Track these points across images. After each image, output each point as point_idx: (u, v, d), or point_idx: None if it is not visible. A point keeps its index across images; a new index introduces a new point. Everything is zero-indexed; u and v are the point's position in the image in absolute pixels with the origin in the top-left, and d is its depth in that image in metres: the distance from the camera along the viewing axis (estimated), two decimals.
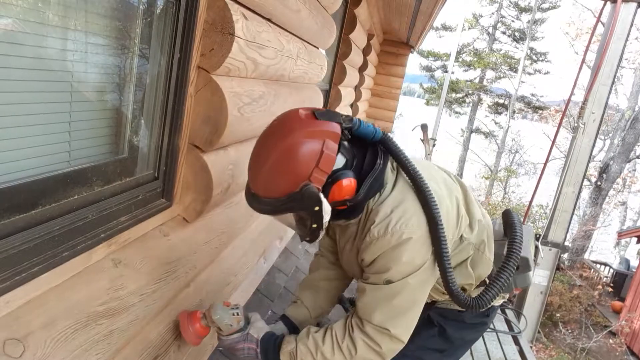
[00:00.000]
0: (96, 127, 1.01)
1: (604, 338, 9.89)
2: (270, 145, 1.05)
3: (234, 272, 1.73)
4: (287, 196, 1.01)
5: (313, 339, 1.18)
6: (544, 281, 4.76)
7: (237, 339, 1.23)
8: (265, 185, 1.05)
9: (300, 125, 1.03)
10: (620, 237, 14.28)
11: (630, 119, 12.87)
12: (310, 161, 1.00)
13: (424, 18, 4.98)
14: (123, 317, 0.98)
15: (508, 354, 2.67)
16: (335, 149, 1.03)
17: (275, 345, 1.22)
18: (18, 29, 0.74)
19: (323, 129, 1.02)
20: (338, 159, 1.05)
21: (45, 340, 0.78)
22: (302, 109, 1.08)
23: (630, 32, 4.43)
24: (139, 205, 1.12)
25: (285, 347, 1.20)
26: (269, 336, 1.25)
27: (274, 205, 1.05)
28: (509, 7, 20.44)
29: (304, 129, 1.02)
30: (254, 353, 1.22)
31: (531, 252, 1.35)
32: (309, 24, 1.92)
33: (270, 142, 1.05)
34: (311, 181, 1.00)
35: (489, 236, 1.31)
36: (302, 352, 1.16)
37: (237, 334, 1.23)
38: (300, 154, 1.00)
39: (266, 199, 1.05)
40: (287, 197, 1.01)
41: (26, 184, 0.79)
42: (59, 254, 0.86)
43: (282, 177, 1.02)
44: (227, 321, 1.20)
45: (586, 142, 4.58)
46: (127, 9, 0.99)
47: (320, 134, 1.02)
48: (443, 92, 8.62)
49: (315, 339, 1.18)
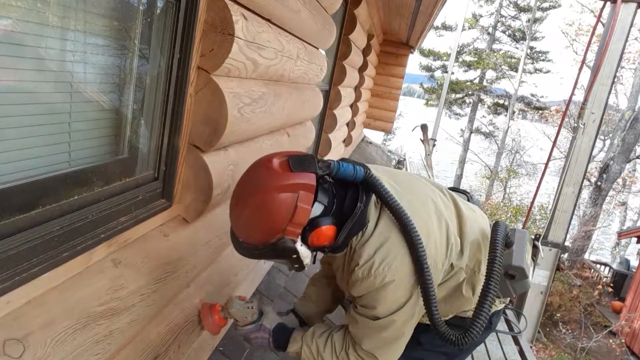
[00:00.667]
0: (96, 128, 1.01)
1: (604, 338, 9.89)
2: (245, 198, 1.06)
3: (234, 272, 1.73)
4: (265, 246, 1.05)
5: (316, 344, 1.27)
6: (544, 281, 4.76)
7: (252, 329, 1.35)
8: (244, 232, 1.08)
9: (273, 180, 1.02)
10: (620, 237, 14.28)
11: (630, 119, 12.86)
12: (283, 216, 1.01)
13: (424, 18, 4.98)
14: (123, 317, 0.98)
15: (508, 354, 2.67)
16: (310, 200, 1.03)
17: (285, 339, 1.32)
18: (18, 29, 0.74)
19: (297, 182, 1.01)
20: (315, 207, 1.05)
21: (45, 340, 0.78)
22: (276, 158, 1.06)
23: (630, 32, 4.43)
24: (139, 206, 1.12)
25: (292, 346, 1.31)
26: (280, 328, 1.35)
27: (253, 252, 1.09)
28: (508, 7, 20.45)
29: (277, 183, 1.02)
30: (267, 341, 1.34)
31: (527, 258, 1.31)
32: (309, 25, 1.92)
33: (244, 195, 1.06)
34: (285, 234, 1.02)
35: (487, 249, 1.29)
36: (306, 353, 1.28)
37: (251, 325, 1.36)
38: (273, 209, 1.01)
39: (247, 244, 1.08)
40: (265, 246, 1.05)
41: (26, 184, 0.79)
42: (59, 254, 0.86)
43: (258, 230, 1.04)
44: (242, 314, 1.34)
45: (586, 142, 4.58)
46: (127, 9, 0.99)
47: (293, 187, 1.01)
48: (443, 93, 8.64)
49: (317, 344, 1.27)
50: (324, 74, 2.49)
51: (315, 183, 1.04)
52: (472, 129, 20.94)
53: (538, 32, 20.17)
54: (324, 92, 3.83)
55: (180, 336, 1.29)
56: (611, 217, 17.97)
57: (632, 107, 13.68)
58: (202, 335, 1.48)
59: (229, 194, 1.46)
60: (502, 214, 14.15)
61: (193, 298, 1.38)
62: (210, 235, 1.43)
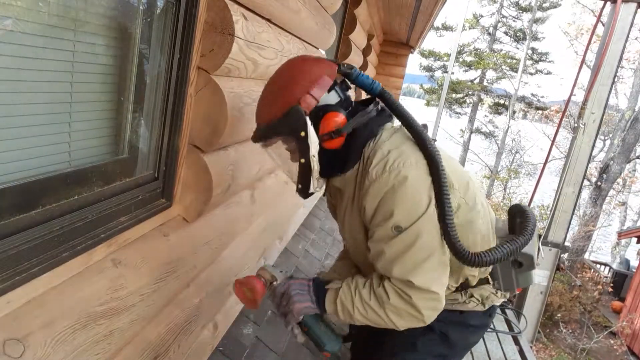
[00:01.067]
0: (96, 127, 1.01)
1: (604, 338, 9.88)
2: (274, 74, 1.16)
3: (234, 272, 1.73)
4: (279, 119, 1.08)
5: (355, 282, 1.18)
6: (544, 281, 4.75)
7: (288, 281, 1.27)
8: (260, 111, 1.15)
9: (300, 57, 1.18)
10: (620, 237, 14.28)
11: (630, 119, 12.86)
12: (301, 85, 1.07)
13: (424, 18, 4.98)
14: (123, 317, 0.98)
15: (508, 353, 2.67)
16: (328, 83, 1.09)
17: (325, 282, 1.24)
18: (18, 29, 0.74)
19: (320, 63, 1.12)
20: (331, 95, 1.11)
21: (45, 340, 0.78)
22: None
23: (630, 32, 4.43)
24: (139, 206, 1.12)
25: (332, 285, 1.22)
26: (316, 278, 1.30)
27: (265, 130, 1.13)
28: (509, 7, 20.44)
29: (302, 59, 1.16)
30: (306, 284, 1.24)
31: (535, 251, 1.31)
32: (309, 24, 1.92)
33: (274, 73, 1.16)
34: (301, 102, 1.06)
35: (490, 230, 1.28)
36: (345, 291, 1.17)
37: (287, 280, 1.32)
38: (293, 77, 1.09)
39: (261, 124, 1.14)
40: (279, 120, 1.08)
41: (26, 184, 0.79)
42: (59, 254, 0.86)
43: (275, 99, 1.10)
44: (279, 273, 1.30)
45: (586, 142, 4.58)
46: (127, 9, 0.99)
47: (316, 65, 1.11)
48: (443, 93, 8.63)
49: (357, 282, 1.18)
50: None
51: (335, 71, 1.12)
52: (472, 129, 20.93)
53: (539, 32, 20.16)
54: None
55: (180, 336, 1.29)
56: (611, 217, 17.96)
57: (632, 107, 13.68)
58: (202, 335, 1.48)
59: (229, 193, 1.46)
60: (501, 214, 14.16)
61: (193, 298, 1.38)
62: (210, 235, 1.43)
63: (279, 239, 2.48)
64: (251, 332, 1.86)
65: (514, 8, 20.39)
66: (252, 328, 1.88)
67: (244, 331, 1.84)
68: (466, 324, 1.36)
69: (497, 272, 1.31)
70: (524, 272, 1.30)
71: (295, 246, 2.77)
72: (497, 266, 1.29)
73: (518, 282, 1.31)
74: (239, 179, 1.50)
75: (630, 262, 14.04)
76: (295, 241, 2.82)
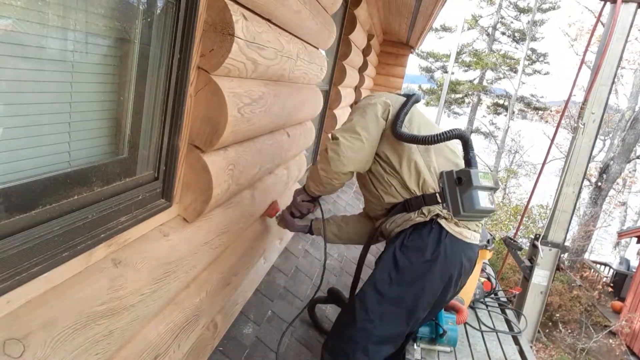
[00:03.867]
0: (96, 127, 1.01)
1: (604, 338, 9.88)
2: None
3: (234, 272, 1.73)
4: None
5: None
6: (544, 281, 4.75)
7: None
8: None
9: None
10: (620, 237, 14.28)
11: (630, 119, 12.87)
12: None
13: (424, 18, 4.98)
14: (123, 317, 0.98)
15: (508, 353, 2.67)
16: None
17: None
18: (18, 29, 0.74)
19: None
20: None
21: (45, 340, 0.78)
22: None
23: (630, 33, 4.43)
24: (139, 206, 1.12)
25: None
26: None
27: None
28: (508, 8, 20.44)
29: None
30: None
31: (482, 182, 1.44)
32: (309, 25, 1.92)
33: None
34: None
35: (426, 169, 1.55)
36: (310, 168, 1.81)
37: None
38: None
39: None
40: None
41: (26, 184, 0.79)
42: (59, 254, 0.86)
43: None
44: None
45: (586, 142, 4.57)
46: (127, 9, 0.99)
47: None
48: (443, 93, 8.61)
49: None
50: (324, 74, 2.49)
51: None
52: (471, 129, 20.93)
53: (538, 32, 20.16)
54: (324, 92, 3.83)
55: (180, 336, 1.30)
56: (611, 217, 17.96)
57: (632, 107, 13.68)
58: (202, 335, 1.48)
59: (229, 193, 1.46)
60: (501, 214, 14.16)
61: (193, 298, 1.38)
62: (210, 235, 1.43)
63: (278, 239, 2.48)
64: (251, 332, 1.86)
65: (513, 9, 20.39)
66: (252, 328, 1.88)
67: (244, 331, 1.84)
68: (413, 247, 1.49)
69: (445, 192, 1.49)
70: (466, 192, 1.44)
71: (295, 246, 2.77)
72: (445, 187, 1.50)
73: (462, 203, 1.44)
74: (239, 179, 1.50)
75: (630, 262, 14.02)
76: (295, 241, 2.82)
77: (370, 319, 1.46)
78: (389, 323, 1.47)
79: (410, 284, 1.47)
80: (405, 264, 1.47)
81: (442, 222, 1.48)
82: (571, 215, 4.75)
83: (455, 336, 2.44)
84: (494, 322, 3.05)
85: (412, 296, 1.46)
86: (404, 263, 1.47)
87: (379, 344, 1.47)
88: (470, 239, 1.52)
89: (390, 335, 1.49)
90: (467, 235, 1.51)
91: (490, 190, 1.48)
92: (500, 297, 3.51)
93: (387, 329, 1.47)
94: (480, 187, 1.43)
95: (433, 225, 1.48)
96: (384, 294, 1.47)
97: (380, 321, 1.46)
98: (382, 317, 1.46)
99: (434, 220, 1.48)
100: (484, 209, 1.44)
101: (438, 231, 1.48)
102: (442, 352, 2.46)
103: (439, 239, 1.47)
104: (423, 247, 1.47)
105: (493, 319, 3.10)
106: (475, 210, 1.43)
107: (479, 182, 1.43)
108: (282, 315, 2.11)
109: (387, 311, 1.47)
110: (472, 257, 1.57)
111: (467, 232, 1.51)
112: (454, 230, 1.48)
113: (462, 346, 2.60)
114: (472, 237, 1.53)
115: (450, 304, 2.68)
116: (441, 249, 1.46)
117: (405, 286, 1.47)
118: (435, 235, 1.47)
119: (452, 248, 1.47)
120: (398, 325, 1.49)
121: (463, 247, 1.50)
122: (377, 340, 1.46)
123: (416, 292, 1.46)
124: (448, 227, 1.48)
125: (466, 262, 1.53)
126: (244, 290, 1.91)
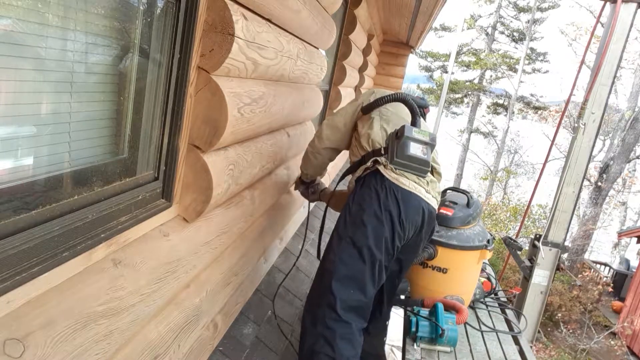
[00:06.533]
0: (96, 127, 1.01)
1: (604, 338, 9.88)
2: None
3: (234, 272, 1.73)
4: None
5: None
6: (544, 281, 4.75)
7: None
8: None
9: None
10: (620, 237, 14.28)
11: (630, 119, 12.86)
12: None
13: (424, 18, 4.98)
14: (123, 317, 0.98)
15: (508, 353, 2.67)
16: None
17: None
18: (18, 29, 0.74)
19: None
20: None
21: (45, 340, 0.78)
22: None
23: (630, 33, 4.43)
24: (139, 206, 1.12)
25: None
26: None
27: None
28: (507, 7, 20.43)
29: None
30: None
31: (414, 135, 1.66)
32: (309, 25, 1.92)
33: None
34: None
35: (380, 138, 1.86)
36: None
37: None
38: None
39: None
40: None
41: (26, 184, 0.79)
42: (59, 254, 0.86)
43: None
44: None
45: (586, 142, 4.57)
46: (127, 9, 0.99)
47: None
48: (443, 93, 8.61)
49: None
50: (324, 74, 2.49)
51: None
52: (471, 129, 20.92)
53: (537, 32, 20.15)
54: (324, 92, 3.83)
55: (180, 336, 1.29)
56: (611, 217, 17.96)
57: (632, 107, 13.67)
58: (202, 335, 1.48)
59: (229, 194, 1.46)
60: (501, 213, 14.16)
61: (193, 298, 1.38)
62: (210, 235, 1.43)
63: (278, 239, 2.48)
64: (251, 332, 1.86)
65: (512, 8, 20.38)
66: (252, 328, 1.88)
67: (244, 331, 1.84)
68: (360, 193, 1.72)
69: (388, 145, 1.74)
70: (400, 141, 1.66)
71: (295, 246, 2.77)
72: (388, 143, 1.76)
73: (396, 150, 1.67)
74: (238, 179, 1.50)
75: (630, 262, 14.02)
76: (295, 241, 2.82)
77: (332, 259, 1.67)
78: (346, 263, 1.64)
79: (355, 224, 1.68)
80: (353, 207, 1.71)
81: (380, 168, 1.72)
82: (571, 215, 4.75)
83: (455, 336, 2.45)
84: (494, 322, 3.05)
85: (360, 234, 1.65)
86: (352, 206, 1.72)
87: (342, 282, 1.63)
88: (408, 187, 1.69)
89: (351, 274, 1.64)
90: (405, 183, 1.69)
91: (424, 144, 1.69)
92: (500, 297, 3.51)
93: (347, 268, 1.64)
94: (412, 139, 1.67)
95: (376, 174, 1.72)
96: (341, 235, 1.69)
97: (340, 260, 1.65)
98: (342, 257, 1.66)
99: (376, 169, 1.73)
100: (413, 155, 1.65)
101: (379, 178, 1.71)
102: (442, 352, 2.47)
103: (378, 183, 1.70)
104: (367, 191, 1.71)
105: (493, 319, 3.10)
106: (405, 156, 1.65)
107: (411, 134, 1.67)
108: (282, 315, 2.11)
109: (344, 251, 1.66)
110: (416, 206, 1.71)
111: (406, 180, 1.70)
112: (390, 175, 1.70)
113: (462, 346, 2.60)
114: (411, 186, 1.70)
115: (451, 304, 2.68)
116: (379, 190, 1.68)
117: (354, 226, 1.67)
118: (376, 181, 1.71)
119: (389, 191, 1.68)
120: (357, 264, 1.64)
121: (403, 193, 1.68)
122: (339, 278, 1.63)
123: (362, 230, 1.65)
124: (385, 172, 1.71)
125: (409, 209, 1.69)
126: (244, 290, 1.91)
